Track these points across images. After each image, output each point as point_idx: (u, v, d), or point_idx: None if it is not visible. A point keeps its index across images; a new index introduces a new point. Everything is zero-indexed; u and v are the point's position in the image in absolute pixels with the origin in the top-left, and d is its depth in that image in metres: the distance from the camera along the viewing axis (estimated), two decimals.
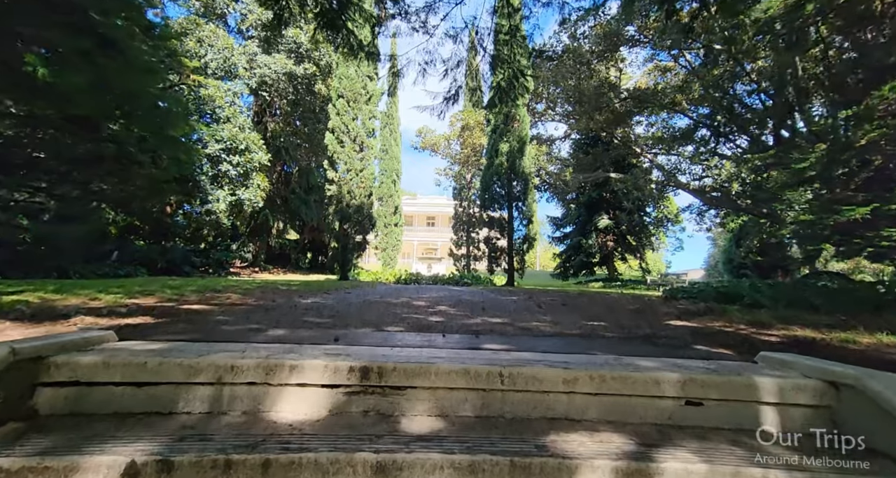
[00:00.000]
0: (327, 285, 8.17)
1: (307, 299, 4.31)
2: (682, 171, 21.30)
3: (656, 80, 21.34)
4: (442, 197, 45.58)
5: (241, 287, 6.28)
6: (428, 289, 7.92)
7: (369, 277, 15.04)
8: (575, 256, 27.36)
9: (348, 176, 12.28)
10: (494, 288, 10.16)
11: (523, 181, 12.71)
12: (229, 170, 14.34)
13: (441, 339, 2.16)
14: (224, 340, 1.89)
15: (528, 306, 4.46)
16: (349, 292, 5.97)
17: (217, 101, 14.43)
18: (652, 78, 21.92)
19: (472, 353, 1.72)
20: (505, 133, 12.95)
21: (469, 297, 5.86)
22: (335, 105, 12.46)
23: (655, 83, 20.59)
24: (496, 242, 13.07)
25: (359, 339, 2.06)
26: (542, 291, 8.98)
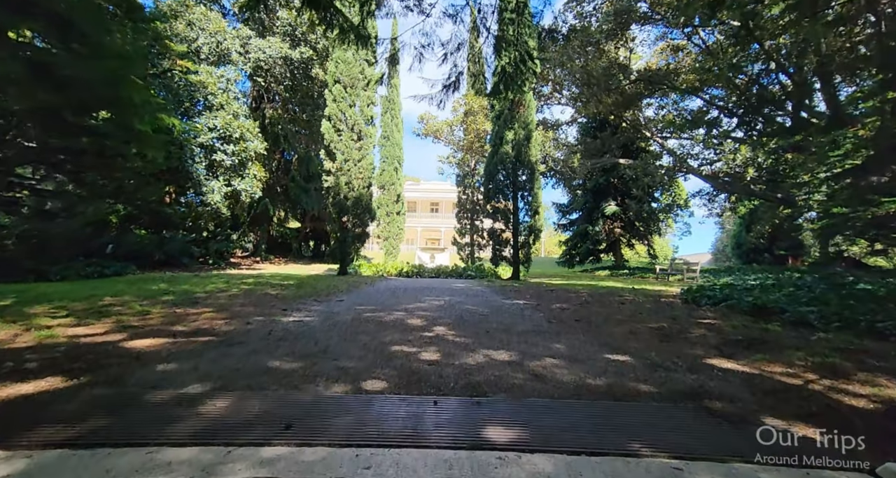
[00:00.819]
0: (322, 286, 7.74)
1: (289, 317, 3.85)
2: (693, 155, 20.54)
3: (667, 60, 20.40)
4: (445, 182, 44.98)
5: (227, 292, 5.85)
6: (429, 290, 7.46)
7: (371, 269, 14.62)
8: (581, 243, 26.81)
9: (346, 166, 11.73)
10: (499, 285, 9.70)
11: (529, 171, 12.10)
12: (224, 159, 13.83)
13: (432, 407, 1.70)
14: (136, 426, 1.44)
15: (538, 324, 3.98)
16: (342, 300, 5.52)
17: (209, 88, 13.83)
18: (662, 58, 20.97)
19: (469, 458, 1.25)
20: (510, 120, 12.29)
21: (472, 304, 5.39)
22: (331, 91, 11.82)
23: (667, 63, 19.67)
24: (501, 233, 12.54)
25: (323, 412, 1.60)
26: (550, 289, 8.50)
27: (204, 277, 9.85)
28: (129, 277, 9.08)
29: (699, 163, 20.10)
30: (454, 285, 8.81)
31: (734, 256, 40.67)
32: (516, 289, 8.48)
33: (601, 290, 8.48)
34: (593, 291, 8.34)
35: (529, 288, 9.00)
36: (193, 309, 4.12)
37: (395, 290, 7.30)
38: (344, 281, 9.54)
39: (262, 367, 2.12)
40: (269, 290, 6.43)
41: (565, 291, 8.18)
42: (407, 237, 44.47)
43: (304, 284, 8.11)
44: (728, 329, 3.41)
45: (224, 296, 5.41)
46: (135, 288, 6.03)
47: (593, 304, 5.69)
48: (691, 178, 25.07)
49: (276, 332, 3.14)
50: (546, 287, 9.30)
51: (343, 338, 3.01)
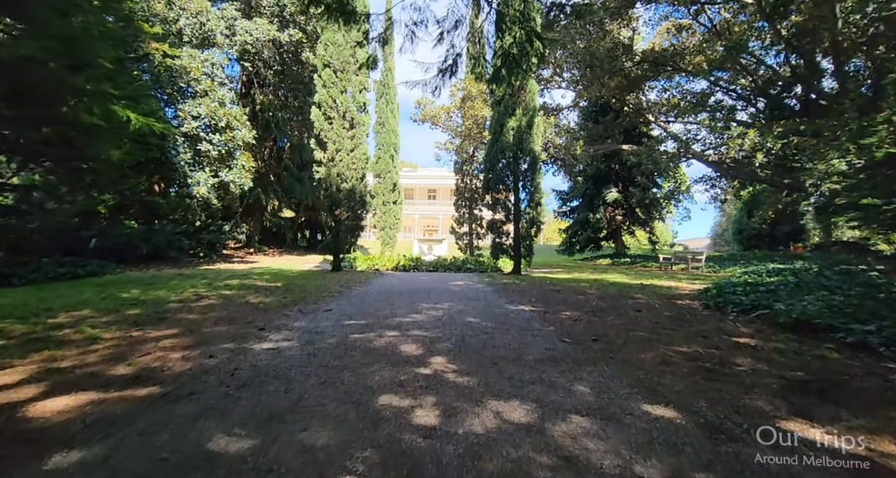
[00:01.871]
0: (311, 288, 7.22)
1: (264, 342, 3.32)
2: (698, 140, 19.90)
3: (670, 40, 19.59)
4: (443, 169, 44.26)
5: (204, 301, 5.31)
6: (426, 293, 6.94)
7: (366, 263, 14.09)
8: (582, 231, 26.32)
9: (338, 157, 11.09)
10: (501, 283, 9.19)
11: (531, 160, 11.49)
12: (210, 150, 13.15)
13: None
14: None
15: (550, 345, 3.47)
16: (329, 310, 4.99)
17: (193, 73, 13.06)
18: (666, 38, 20.16)
19: None
20: (511, 106, 11.62)
21: (473, 313, 4.88)
22: (321, 76, 11.09)
23: (670, 44, 18.85)
24: (501, 226, 11.99)
25: None
26: (554, 287, 7.99)
27: (188, 275, 9.30)
28: (107, 278, 8.53)
29: (703, 148, 19.48)
30: (453, 285, 8.29)
31: (734, 241, 40.31)
32: (519, 288, 7.97)
33: (609, 288, 7.98)
34: (601, 289, 7.85)
35: (533, 286, 8.49)
36: (155, 331, 3.58)
37: (390, 293, 6.78)
38: (336, 280, 9.01)
39: (202, 452, 1.60)
40: (251, 297, 5.89)
41: (572, 289, 7.68)
42: (404, 225, 43.94)
43: (292, 286, 7.58)
44: (778, 358, 2.90)
45: (199, 307, 4.88)
46: (103, 296, 5.49)
47: (606, 311, 5.18)
48: (694, 163, 24.48)
49: (243, 370, 2.62)
50: (550, 284, 8.80)
51: (321, 379, 2.49)
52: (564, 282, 9.52)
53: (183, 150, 12.28)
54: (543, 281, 9.63)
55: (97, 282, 7.61)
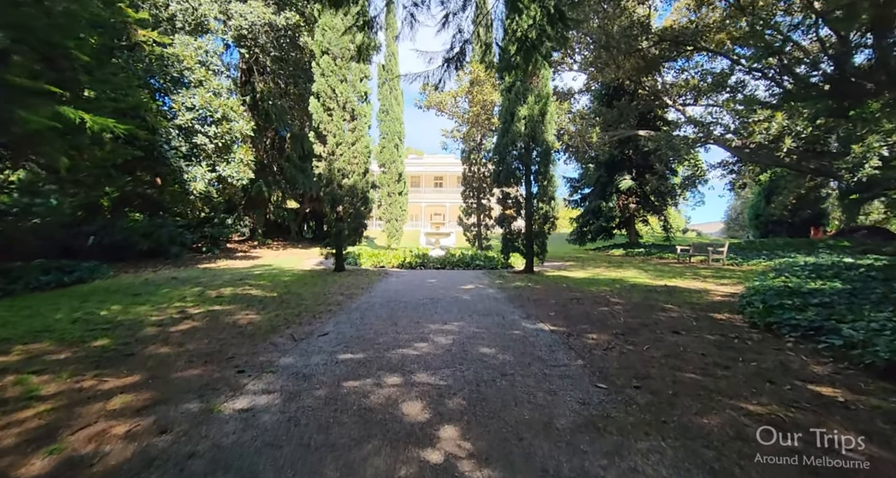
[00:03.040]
0: (308, 295, 6.66)
1: (237, 400, 2.73)
2: (720, 124, 18.87)
3: (688, 16, 18.41)
4: (450, 155, 43.37)
5: (187, 323, 4.76)
6: (434, 306, 6.35)
7: (371, 260, 13.54)
8: (594, 220, 25.52)
9: (339, 151, 10.43)
10: (513, 286, 8.58)
11: (545, 151, 10.73)
12: (206, 143, 12.53)
13: None
14: None
15: (584, 397, 2.87)
16: (325, 334, 4.41)
17: (186, 62, 12.37)
18: (683, 15, 18.97)
19: None
20: (522, 93, 10.82)
21: (487, 341, 4.27)
22: (319, 64, 10.35)
23: (689, 20, 17.71)
24: (512, 222, 11.32)
25: None
26: (573, 295, 7.36)
27: (182, 280, 8.81)
28: (96, 285, 8.04)
29: (724, 132, 18.47)
30: (462, 292, 7.69)
31: (751, 226, 39.21)
32: (534, 294, 7.35)
33: (633, 294, 7.33)
34: (623, 295, 7.21)
35: (549, 291, 7.88)
36: (113, 378, 3.03)
37: (394, 306, 6.20)
38: (338, 285, 8.45)
39: None
40: (241, 314, 5.34)
41: (593, 297, 7.04)
42: (411, 213, 43.30)
43: (289, 295, 7.03)
44: (892, 432, 2.27)
45: (177, 334, 4.33)
46: (77, 317, 4.97)
47: (637, 331, 4.55)
48: (712, 148, 23.44)
49: (198, 457, 2.04)
50: (567, 288, 8.17)
51: (297, 470, 1.91)
52: (582, 284, 8.88)
53: (177, 143, 11.67)
54: (559, 283, 9.00)
55: (82, 292, 7.12)
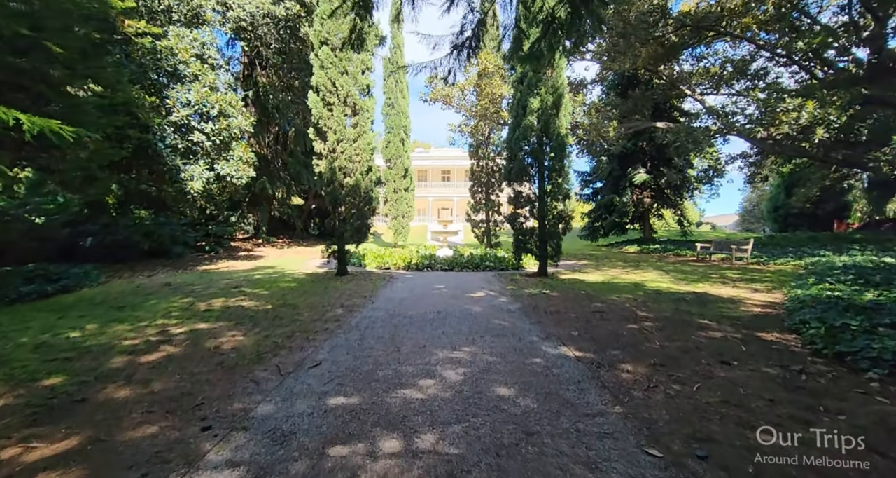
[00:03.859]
0: (304, 307, 6.08)
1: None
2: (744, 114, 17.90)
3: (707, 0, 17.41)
4: (457, 149, 42.66)
5: (163, 350, 4.21)
6: (441, 323, 5.74)
7: (377, 261, 12.96)
8: (607, 215, 24.69)
9: (340, 148, 9.81)
10: (528, 293, 7.94)
11: (559, 146, 10.01)
12: (203, 140, 11.99)
13: None
14: None
15: (632, 463, 2.25)
16: (317, 365, 3.82)
17: (180, 55, 11.80)
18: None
19: None
20: (535, 84, 10.09)
21: (504, 374, 3.65)
22: (318, 55, 9.70)
23: (708, 4, 16.73)
24: (524, 223, 10.65)
25: None
26: (595, 306, 6.71)
27: (175, 287, 8.30)
28: (84, 293, 7.55)
29: (746, 122, 17.51)
30: (472, 304, 7.06)
31: (769, 219, 37.98)
32: (552, 304, 6.71)
33: (661, 304, 6.66)
34: (650, 305, 6.54)
35: (567, 300, 7.23)
36: (42, 442, 2.46)
37: (398, 324, 5.59)
38: (339, 293, 7.88)
39: None
40: (226, 335, 4.77)
41: (617, 309, 6.38)
42: (418, 207, 42.68)
43: (285, 307, 6.47)
44: None
45: (146, 366, 3.77)
46: (42, 339, 4.44)
47: (679, 360, 3.89)
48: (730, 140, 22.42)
49: None
50: (587, 296, 7.52)
51: None
52: (601, 290, 8.22)
53: (173, 141, 11.13)
54: (576, 290, 8.34)
55: (63, 304, 6.62)
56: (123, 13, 8.57)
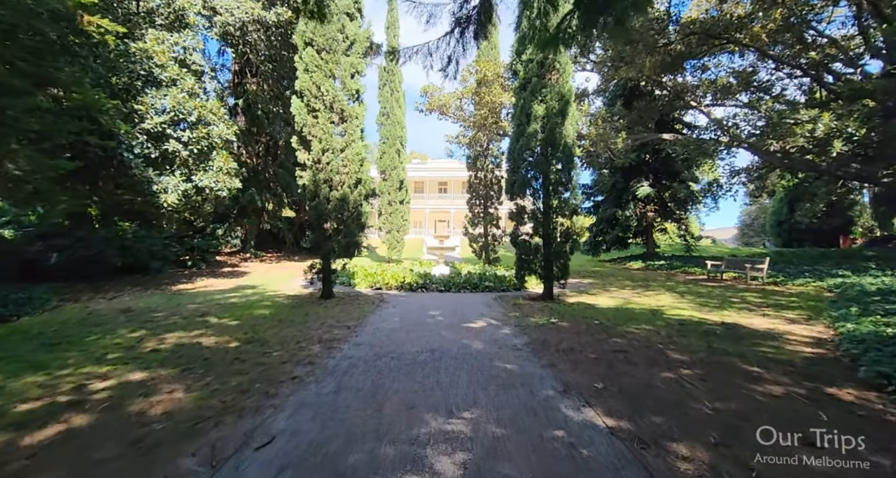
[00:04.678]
0: (275, 348, 5.10)
1: None
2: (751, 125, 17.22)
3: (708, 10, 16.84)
4: (455, 161, 42.05)
5: (61, 421, 3.22)
6: (435, 368, 4.78)
7: (367, 281, 11.99)
8: (609, 229, 23.88)
9: (325, 158, 8.94)
10: (534, 323, 7.00)
11: (566, 157, 9.18)
12: (179, 150, 11.09)
13: None
14: None
15: None
16: (268, 440, 2.85)
17: (157, 58, 10.97)
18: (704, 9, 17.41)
19: None
20: (539, 90, 9.30)
21: (520, 468, 2.70)
22: (302, 57, 8.88)
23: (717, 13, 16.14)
24: (528, 240, 9.75)
25: None
26: (619, 350, 5.78)
27: (132, 315, 7.30)
28: (14, 325, 6.53)
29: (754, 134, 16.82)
30: (472, 339, 6.09)
31: (772, 234, 37.27)
32: (564, 340, 5.76)
33: (691, 341, 5.72)
34: (680, 342, 5.60)
35: (579, 330, 6.30)
36: None
37: (383, 368, 4.63)
38: (320, 321, 6.91)
39: None
40: (161, 394, 3.78)
41: (642, 348, 5.44)
42: (415, 220, 41.82)
43: (253, 343, 5.50)
44: None
45: (32, 450, 2.79)
46: None
47: (750, 444, 2.96)
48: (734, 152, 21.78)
49: None
50: (602, 328, 6.58)
51: None
52: (617, 319, 7.29)
53: (142, 150, 10.21)
54: (588, 319, 7.40)
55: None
56: (82, 7, 7.71)
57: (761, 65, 17.86)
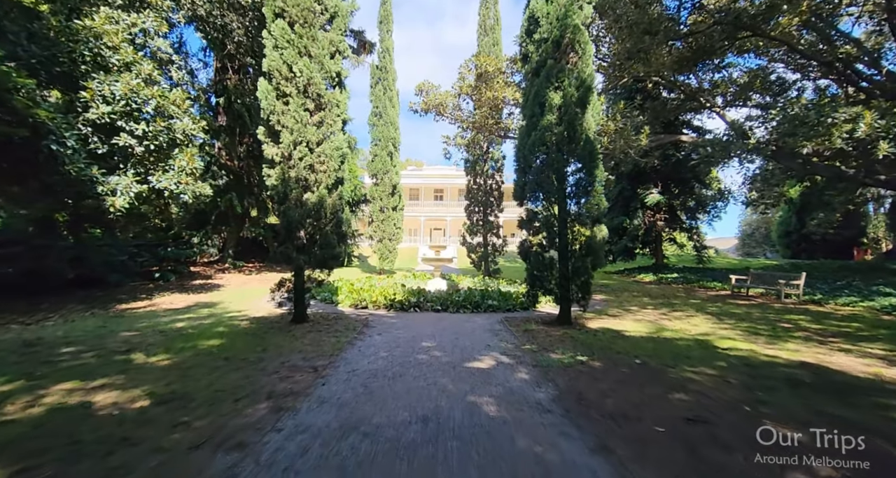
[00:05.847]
0: (204, 397, 3.45)
1: None
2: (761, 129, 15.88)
3: None
4: (451, 167, 40.69)
5: None
6: (431, 442, 3.15)
7: (352, 297, 10.37)
8: (616, 239, 22.39)
9: (297, 153, 7.37)
10: (559, 366, 5.40)
11: (587, 153, 7.66)
12: (132, 145, 9.47)
13: None
14: None
15: None
16: None
17: (106, 39, 9.40)
18: None
19: None
20: (555, 75, 7.81)
21: None
22: (271, 31, 7.35)
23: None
24: (541, 254, 8.18)
25: None
26: (693, 419, 4.19)
27: (27, 353, 5.62)
28: None
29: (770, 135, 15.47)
30: (479, 392, 4.45)
31: (780, 245, 35.97)
32: (602, 391, 4.17)
33: (780, 398, 4.16)
34: (761, 394, 4.03)
35: (618, 371, 4.73)
36: None
37: (349, 454, 3.01)
38: (279, 359, 5.26)
39: None
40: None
41: (721, 408, 3.86)
42: (410, 227, 40.19)
43: (171, 401, 3.84)
44: None
45: None
46: None
47: None
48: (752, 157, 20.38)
49: None
50: (646, 370, 5.00)
51: None
52: (659, 355, 5.72)
53: (81, 144, 8.56)
54: (624, 353, 5.82)
55: None
56: None
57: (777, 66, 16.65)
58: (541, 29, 7.99)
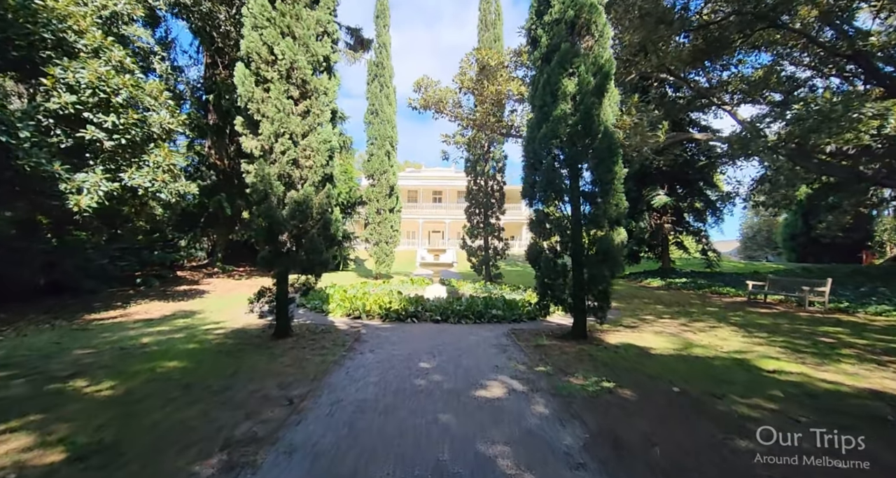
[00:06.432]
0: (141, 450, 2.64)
1: None
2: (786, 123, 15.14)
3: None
4: (449, 168, 39.89)
5: None
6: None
7: (344, 307, 9.51)
8: None
9: (279, 146, 6.52)
10: (584, 395, 4.55)
11: (605, 147, 6.83)
12: (100, 139, 8.60)
13: None
14: None
15: None
16: None
17: (72, 22, 8.54)
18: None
19: None
20: (570, 60, 6.99)
21: None
22: (250, 9, 6.53)
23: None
24: (553, 259, 7.32)
25: None
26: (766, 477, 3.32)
27: None
28: None
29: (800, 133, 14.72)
30: (489, 437, 3.57)
31: (785, 248, 35.27)
32: (644, 432, 3.31)
33: (877, 445, 3.30)
34: (839, 431, 3.17)
35: (654, 403, 3.90)
36: None
37: None
38: (251, 385, 4.38)
39: None
40: None
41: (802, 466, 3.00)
42: (409, 230, 39.34)
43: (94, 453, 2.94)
44: None
45: None
46: None
47: None
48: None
49: None
50: (688, 398, 4.14)
51: None
52: (696, 378, 4.87)
53: (36, 136, 7.68)
54: (657, 379, 4.96)
55: None
56: None
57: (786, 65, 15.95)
58: (552, 9, 7.17)
